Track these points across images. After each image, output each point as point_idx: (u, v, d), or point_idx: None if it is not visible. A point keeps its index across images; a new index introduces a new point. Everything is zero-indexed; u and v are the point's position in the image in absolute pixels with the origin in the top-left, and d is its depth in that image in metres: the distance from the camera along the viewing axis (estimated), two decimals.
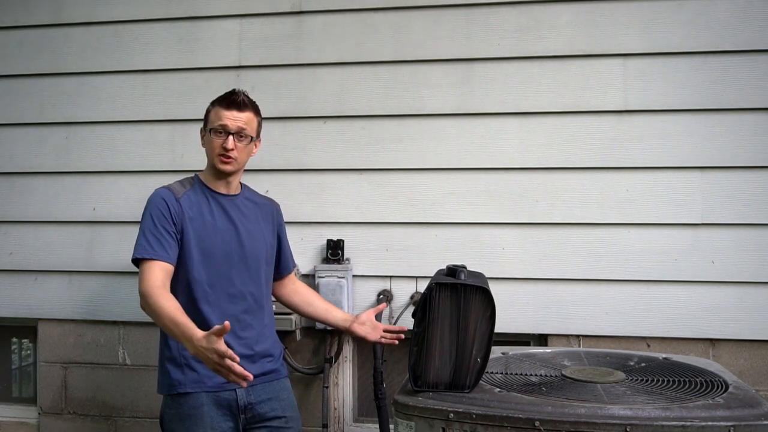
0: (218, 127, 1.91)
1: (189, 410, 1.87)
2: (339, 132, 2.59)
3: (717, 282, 2.37)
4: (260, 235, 2.01)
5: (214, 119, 1.93)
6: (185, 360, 1.87)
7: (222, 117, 1.91)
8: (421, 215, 2.54)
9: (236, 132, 1.91)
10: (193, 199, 1.93)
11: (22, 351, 2.95)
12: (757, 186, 2.36)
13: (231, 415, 1.89)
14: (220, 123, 1.91)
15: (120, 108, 2.73)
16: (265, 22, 2.65)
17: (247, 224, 1.99)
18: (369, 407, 2.64)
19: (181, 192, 1.93)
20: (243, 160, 1.97)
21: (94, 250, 2.72)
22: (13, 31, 2.80)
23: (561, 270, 2.45)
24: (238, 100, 1.93)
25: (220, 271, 1.91)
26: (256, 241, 1.99)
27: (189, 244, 1.88)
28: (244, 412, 1.90)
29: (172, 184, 1.97)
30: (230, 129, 1.91)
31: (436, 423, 1.50)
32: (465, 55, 2.52)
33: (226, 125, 1.91)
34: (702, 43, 2.40)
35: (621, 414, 1.41)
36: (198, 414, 1.86)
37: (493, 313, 1.57)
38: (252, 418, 1.92)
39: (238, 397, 1.89)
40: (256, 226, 2.01)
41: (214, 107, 1.96)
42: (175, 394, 1.88)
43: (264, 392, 1.94)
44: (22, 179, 2.78)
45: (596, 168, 2.44)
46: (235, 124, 1.91)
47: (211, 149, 1.94)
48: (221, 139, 1.91)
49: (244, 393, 1.90)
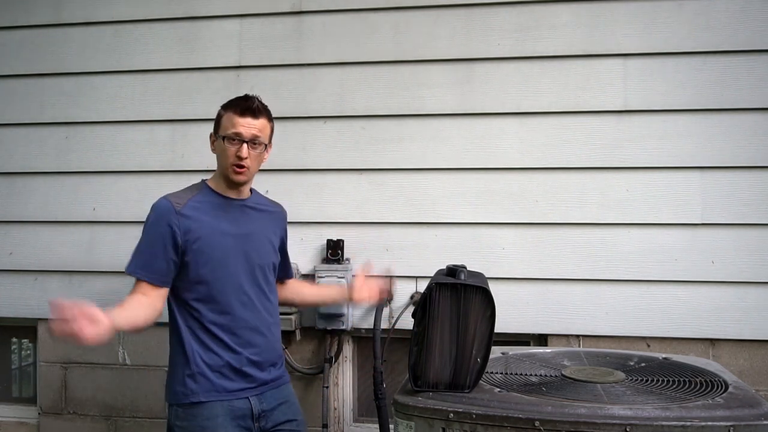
0: (232, 134, 1.84)
1: (203, 422, 1.80)
2: (339, 132, 2.59)
3: (717, 282, 2.37)
4: (268, 242, 1.99)
5: (228, 126, 1.85)
6: (198, 368, 1.82)
7: (236, 124, 1.84)
8: (420, 215, 2.54)
9: (250, 140, 1.85)
10: (199, 206, 1.86)
11: (22, 351, 2.95)
12: (757, 186, 2.36)
13: (245, 426, 1.86)
14: (235, 131, 1.84)
15: (120, 108, 2.73)
16: (265, 22, 2.65)
17: (257, 230, 1.95)
18: (369, 407, 2.64)
19: (185, 200, 1.85)
20: (255, 168, 1.92)
21: (94, 250, 2.72)
22: (13, 31, 2.80)
23: (561, 270, 2.45)
24: (252, 107, 1.86)
25: (230, 279, 1.86)
26: (265, 248, 1.97)
27: (196, 253, 1.83)
28: (257, 420, 1.88)
29: (176, 193, 1.89)
30: (245, 137, 1.84)
31: (436, 423, 1.50)
32: (465, 55, 2.52)
33: (240, 133, 1.84)
34: (702, 43, 2.40)
35: (621, 414, 1.41)
36: (212, 426, 1.80)
37: (493, 313, 1.57)
38: (265, 425, 1.90)
39: (252, 405, 1.87)
40: (265, 233, 1.98)
41: (226, 113, 1.87)
42: (187, 404, 1.81)
43: (274, 398, 1.93)
44: (22, 179, 2.78)
45: (596, 168, 2.44)
46: (250, 132, 1.85)
47: (224, 157, 1.86)
48: (235, 147, 1.84)
49: (257, 401, 1.88)
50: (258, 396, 1.89)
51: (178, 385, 1.85)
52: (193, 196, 1.88)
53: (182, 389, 1.83)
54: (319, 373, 2.59)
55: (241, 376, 1.87)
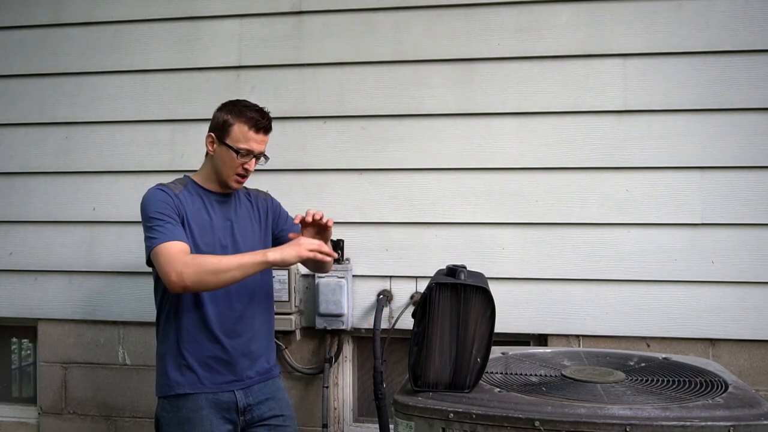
0: (244, 150, 1.87)
1: (187, 413, 1.84)
2: (339, 132, 2.59)
3: (717, 282, 2.37)
4: (253, 231, 2.00)
5: (239, 138, 1.87)
6: (184, 360, 1.85)
7: (249, 140, 1.87)
8: (421, 215, 2.54)
9: (258, 154, 1.92)
10: (188, 198, 1.91)
11: (22, 351, 2.95)
12: (757, 186, 2.36)
13: (230, 418, 1.88)
14: (248, 147, 1.87)
15: (120, 108, 2.73)
16: (265, 22, 2.65)
17: (241, 221, 1.98)
18: (369, 407, 2.64)
19: (177, 190, 1.91)
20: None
21: (93, 250, 2.72)
22: (13, 31, 2.80)
23: (561, 270, 2.45)
24: (268, 126, 1.92)
25: None
26: (251, 237, 1.98)
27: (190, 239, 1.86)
28: (243, 413, 1.89)
29: (167, 183, 1.94)
30: (255, 153, 1.90)
31: (436, 423, 1.50)
32: (465, 55, 2.52)
33: (253, 150, 1.89)
34: (702, 43, 2.40)
35: (621, 414, 1.41)
36: (197, 417, 1.84)
37: (492, 313, 1.57)
38: (251, 419, 1.91)
39: (237, 399, 1.88)
40: (249, 222, 2.00)
41: (239, 125, 1.87)
42: (172, 396, 1.85)
43: (261, 393, 1.93)
44: (22, 179, 2.78)
45: (596, 168, 2.44)
46: (260, 148, 1.91)
47: (228, 166, 1.89)
48: (244, 160, 1.89)
49: (243, 395, 1.89)
50: (244, 390, 1.90)
51: (164, 378, 1.88)
52: (182, 190, 1.92)
53: (167, 381, 1.87)
54: (319, 373, 2.59)
55: (227, 368, 1.88)
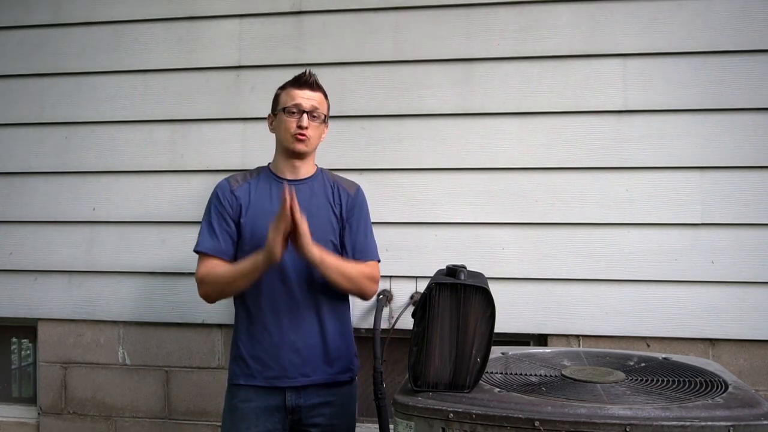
0: (292, 106, 1.93)
1: (238, 403, 1.92)
2: (339, 132, 2.58)
3: (716, 282, 2.37)
4: (326, 221, 1.96)
5: (287, 99, 1.95)
6: (238, 351, 1.94)
7: (295, 96, 1.93)
8: (420, 215, 2.54)
9: (310, 111, 1.93)
10: (255, 187, 1.95)
11: (21, 351, 2.95)
12: (757, 186, 2.36)
13: (278, 416, 1.89)
14: (294, 102, 1.93)
15: (120, 108, 2.73)
16: (265, 22, 2.65)
17: (314, 210, 1.91)
18: (369, 407, 2.64)
19: (241, 182, 1.97)
20: (315, 141, 1.98)
21: (93, 250, 2.72)
22: (13, 31, 2.80)
23: (561, 270, 2.45)
24: (310, 81, 1.96)
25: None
26: (320, 227, 1.91)
27: (245, 232, 1.91)
28: (291, 413, 1.90)
29: (236, 175, 2.02)
30: (304, 107, 1.93)
31: (436, 423, 1.49)
32: (465, 55, 2.52)
33: (300, 104, 1.93)
34: (702, 43, 2.40)
35: (621, 414, 1.41)
36: (245, 408, 1.90)
37: (492, 313, 1.57)
38: (300, 420, 1.91)
39: (287, 398, 1.89)
40: (326, 212, 1.96)
41: (284, 89, 1.98)
42: (232, 385, 1.95)
43: (317, 396, 1.92)
44: (22, 179, 2.78)
45: (596, 168, 2.44)
46: (309, 103, 1.94)
47: (285, 129, 1.94)
48: (295, 118, 1.92)
49: (295, 395, 1.89)
50: (296, 390, 1.89)
51: (229, 365, 1.99)
52: (251, 179, 1.98)
53: (231, 371, 1.97)
54: None
55: (279, 365, 1.88)
